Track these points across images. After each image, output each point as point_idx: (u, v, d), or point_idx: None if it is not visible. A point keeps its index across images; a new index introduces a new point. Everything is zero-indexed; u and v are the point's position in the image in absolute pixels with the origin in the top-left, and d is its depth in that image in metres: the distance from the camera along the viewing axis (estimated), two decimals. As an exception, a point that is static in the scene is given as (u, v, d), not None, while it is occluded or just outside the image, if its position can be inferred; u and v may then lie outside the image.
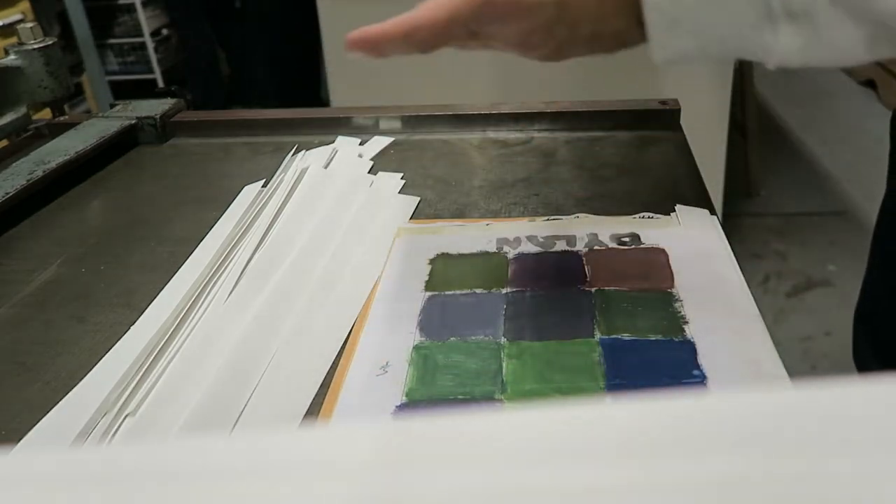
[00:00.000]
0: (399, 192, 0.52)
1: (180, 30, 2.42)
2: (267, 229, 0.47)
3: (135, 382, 0.35)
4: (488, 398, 0.33)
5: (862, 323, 0.59)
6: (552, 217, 0.47)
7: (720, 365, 0.33)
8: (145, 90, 2.48)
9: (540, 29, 0.28)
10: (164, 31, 2.56)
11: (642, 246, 0.43)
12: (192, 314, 0.40)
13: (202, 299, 0.41)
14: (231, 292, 0.41)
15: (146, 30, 2.46)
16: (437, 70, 1.19)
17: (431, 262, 0.43)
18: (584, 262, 0.42)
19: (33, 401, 0.35)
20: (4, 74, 0.66)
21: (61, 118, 0.70)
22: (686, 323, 0.36)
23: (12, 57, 0.66)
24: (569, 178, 0.53)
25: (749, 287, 0.38)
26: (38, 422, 0.33)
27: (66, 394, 0.35)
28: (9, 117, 0.67)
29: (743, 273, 0.39)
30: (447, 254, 0.44)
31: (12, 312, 0.43)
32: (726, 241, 0.42)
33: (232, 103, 2.47)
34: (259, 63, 2.31)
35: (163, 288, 0.42)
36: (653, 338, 0.35)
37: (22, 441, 0.32)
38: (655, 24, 0.25)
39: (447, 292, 0.40)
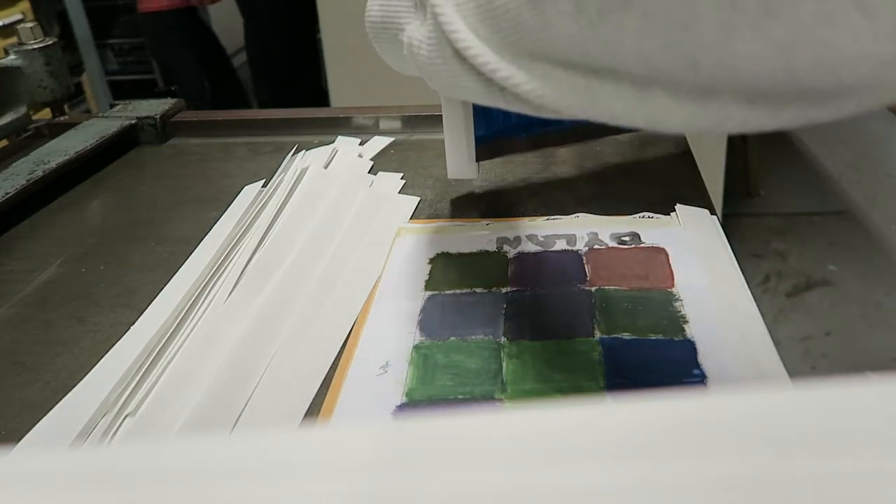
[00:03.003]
0: (399, 192, 0.52)
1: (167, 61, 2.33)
2: (267, 229, 0.47)
3: (135, 382, 0.35)
4: (488, 398, 0.33)
5: None
6: (552, 217, 0.47)
7: (720, 365, 0.33)
8: (145, 90, 2.47)
9: None
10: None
11: (642, 245, 0.43)
12: (192, 314, 0.40)
13: (202, 299, 0.41)
14: (231, 292, 0.41)
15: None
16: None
17: (431, 261, 0.43)
18: (585, 261, 0.42)
19: (33, 401, 0.35)
20: (4, 74, 0.66)
21: (61, 118, 0.70)
22: (686, 323, 0.36)
23: (12, 57, 0.67)
24: (569, 178, 0.53)
25: (749, 287, 0.38)
26: (38, 422, 0.33)
27: (66, 394, 0.35)
28: (9, 117, 0.67)
29: (743, 273, 0.39)
30: (447, 253, 0.44)
31: (12, 312, 0.43)
32: (726, 241, 0.42)
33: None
34: (258, 63, 2.30)
35: (163, 288, 0.42)
36: (653, 337, 0.35)
37: (22, 441, 0.32)
38: None
39: (447, 292, 0.40)
